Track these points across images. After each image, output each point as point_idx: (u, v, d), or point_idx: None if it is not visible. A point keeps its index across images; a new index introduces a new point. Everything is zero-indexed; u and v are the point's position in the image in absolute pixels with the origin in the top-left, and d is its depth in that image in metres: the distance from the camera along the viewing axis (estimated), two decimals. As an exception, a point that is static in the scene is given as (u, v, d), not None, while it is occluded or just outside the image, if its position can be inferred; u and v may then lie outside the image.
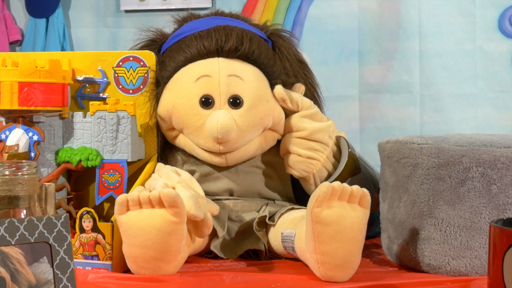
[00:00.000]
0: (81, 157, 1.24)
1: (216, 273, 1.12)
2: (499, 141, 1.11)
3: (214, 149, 1.28)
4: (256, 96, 1.28)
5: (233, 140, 1.26)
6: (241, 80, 1.28)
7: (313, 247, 1.06)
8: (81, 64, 1.32)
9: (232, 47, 1.29)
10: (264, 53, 1.32)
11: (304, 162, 1.29)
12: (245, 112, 1.27)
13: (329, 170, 1.31)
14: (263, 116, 1.28)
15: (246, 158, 1.32)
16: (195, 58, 1.30)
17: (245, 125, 1.27)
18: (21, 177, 0.79)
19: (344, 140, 1.32)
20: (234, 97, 1.28)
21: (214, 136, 1.25)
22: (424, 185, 1.13)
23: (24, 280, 0.74)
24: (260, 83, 1.30)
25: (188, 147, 1.32)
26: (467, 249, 1.10)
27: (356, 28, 1.89)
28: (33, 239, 0.75)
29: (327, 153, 1.30)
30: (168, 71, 1.31)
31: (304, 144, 1.29)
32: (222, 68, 1.29)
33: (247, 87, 1.28)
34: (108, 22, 1.96)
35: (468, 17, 1.85)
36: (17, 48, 1.98)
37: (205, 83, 1.28)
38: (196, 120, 1.28)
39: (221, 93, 1.28)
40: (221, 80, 1.28)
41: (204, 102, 1.28)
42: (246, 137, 1.28)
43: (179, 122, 1.29)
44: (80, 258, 1.15)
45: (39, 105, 1.23)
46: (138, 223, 1.08)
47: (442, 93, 1.86)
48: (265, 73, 1.32)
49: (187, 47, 1.31)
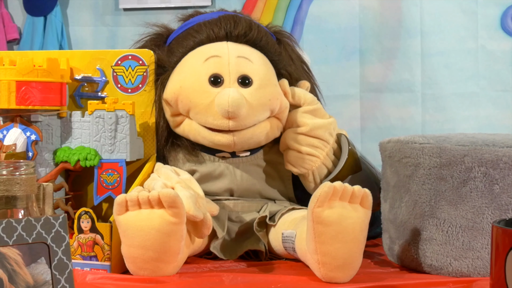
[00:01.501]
0: (80, 157, 1.24)
1: (215, 274, 1.12)
2: (501, 141, 1.11)
3: (224, 125, 1.26)
4: (265, 78, 1.29)
5: (243, 116, 1.25)
6: (250, 61, 1.30)
7: (314, 247, 1.06)
8: (80, 63, 1.32)
9: (241, 32, 1.31)
10: (271, 42, 1.34)
11: (303, 159, 1.29)
12: (255, 91, 1.28)
13: (328, 168, 1.31)
14: (272, 98, 1.28)
15: (253, 143, 1.30)
16: (204, 42, 1.31)
17: (255, 102, 1.27)
18: (18, 177, 0.79)
19: (344, 138, 1.32)
20: (243, 76, 1.28)
21: (224, 110, 1.23)
22: (426, 185, 1.13)
23: (21, 281, 0.74)
24: (268, 67, 1.32)
25: (192, 133, 1.30)
26: (469, 249, 1.10)
27: (357, 26, 1.89)
28: (31, 239, 0.75)
29: (327, 150, 1.30)
30: (176, 56, 1.32)
31: (304, 140, 1.29)
32: (231, 49, 1.30)
33: (256, 68, 1.29)
34: (107, 20, 1.96)
35: (470, 15, 1.85)
36: (14, 46, 1.98)
37: (214, 63, 1.29)
38: (205, 98, 1.27)
39: (230, 72, 1.28)
40: (230, 60, 1.29)
41: (213, 81, 1.28)
42: (256, 116, 1.27)
43: (186, 102, 1.28)
44: (79, 258, 1.14)
45: (37, 104, 1.22)
46: (137, 224, 1.07)
47: (444, 92, 1.87)
48: (271, 61, 1.33)
49: (196, 32, 1.32)
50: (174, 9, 1.68)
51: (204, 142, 1.30)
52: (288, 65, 1.35)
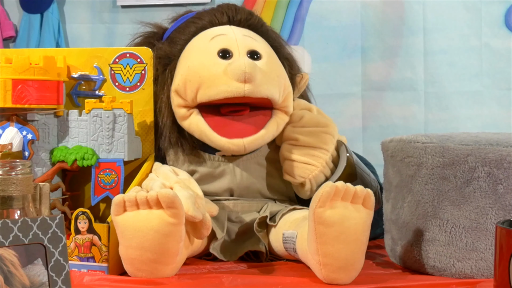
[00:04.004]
0: (77, 156, 1.24)
1: (215, 276, 1.12)
2: (505, 140, 1.11)
3: (239, 91, 1.23)
4: (272, 55, 1.31)
5: (258, 81, 1.23)
6: (255, 40, 1.31)
7: (315, 248, 1.06)
8: (77, 60, 1.32)
9: (243, 17, 1.33)
10: (271, 30, 1.37)
11: (299, 167, 1.28)
12: (265, 64, 1.28)
13: (327, 176, 1.31)
14: (279, 75, 1.29)
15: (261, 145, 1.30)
16: (207, 26, 1.32)
17: (267, 73, 1.27)
18: (14, 177, 0.79)
19: (343, 145, 1.32)
20: (252, 51, 1.29)
21: (241, 70, 1.22)
22: (429, 185, 1.12)
23: (18, 282, 0.74)
24: (272, 50, 1.33)
25: (200, 128, 1.27)
26: (472, 250, 1.10)
27: (358, 24, 1.90)
28: (27, 240, 0.75)
29: (326, 158, 1.29)
30: (179, 44, 1.32)
31: (301, 150, 1.29)
32: (235, 30, 1.31)
33: (263, 46, 1.31)
34: (104, 17, 1.97)
35: (473, 12, 1.86)
36: (10, 44, 1.99)
37: (221, 40, 1.30)
38: (216, 69, 1.25)
39: (239, 46, 1.29)
40: (237, 37, 1.30)
41: (223, 55, 1.28)
42: (268, 86, 1.25)
43: (195, 79, 1.25)
44: (76, 260, 1.14)
45: (33, 103, 1.22)
46: (135, 224, 1.07)
47: (447, 91, 1.88)
48: (272, 48, 1.34)
49: (197, 19, 1.33)
50: (172, 6, 1.69)
51: (210, 144, 1.28)
52: (286, 53, 1.36)
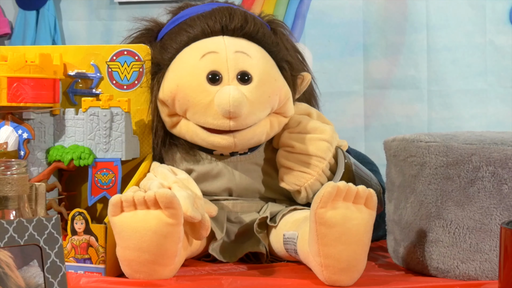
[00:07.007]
0: (73, 156, 1.23)
1: (214, 277, 1.11)
2: (510, 139, 1.10)
3: (224, 126, 1.24)
4: (264, 73, 1.28)
5: (244, 116, 1.24)
6: (248, 56, 1.28)
7: (316, 249, 1.05)
8: (73, 58, 1.32)
9: (237, 25, 1.29)
10: (268, 33, 1.33)
11: (294, 175, 1.28)
12: (255, 88, 1.26)
13: (323, 183, 1.29)
14: (271, 94, 1.27)
15: (254, 142, 1.29)
16: (199, 37, 1.30)
17: (255, 100, 1.26)
18: (10, 177, 0.79)
19: (341, 151, 1.31)
20: (242, 73, 1.27)
21: (225, 110, 1.22)
22: (432, 185, 1.12)
23: (13, 284, 0.74)
24: (267, 60, 1.30)
25: (189, 134, 1.28)
26: (477, 252, 1.09)
27: (361, 20, 1.91)
28: (22, 241, 0.75)
29: (323, 167, 1.28)
30: (170, 52, 1.30)
31: (296, 157, 1.28)
32: (228, 44, 1.28)
33: (255, 63, 1.28)
34: (101, 14, 1.97)
35: (478, 9, 1.87)
36: (6, 41, 2.00)
37: (211, 60, 1.27)
38: (204, 97, 1.25)
39: (229, 68, 1.27)
40: (228, 56, 1.27)
41: (212, 79, 1.26)
42: (256, 114, 1.26)
43: (184, 102, 1.26)
44: (72, 261, 1.14)
45: (29, 101, 1.22)
46: (132, 225, 1.07)
47: (451, 89, 1.90)
48: (269, 53, 1.32)
49: (189, 27, 1.30)
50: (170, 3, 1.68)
51: (202, 144, 1.29)
52: (287, 55, 1.34)
